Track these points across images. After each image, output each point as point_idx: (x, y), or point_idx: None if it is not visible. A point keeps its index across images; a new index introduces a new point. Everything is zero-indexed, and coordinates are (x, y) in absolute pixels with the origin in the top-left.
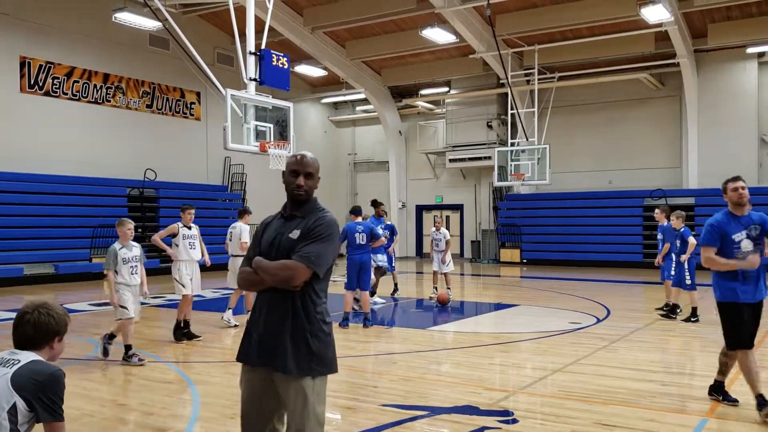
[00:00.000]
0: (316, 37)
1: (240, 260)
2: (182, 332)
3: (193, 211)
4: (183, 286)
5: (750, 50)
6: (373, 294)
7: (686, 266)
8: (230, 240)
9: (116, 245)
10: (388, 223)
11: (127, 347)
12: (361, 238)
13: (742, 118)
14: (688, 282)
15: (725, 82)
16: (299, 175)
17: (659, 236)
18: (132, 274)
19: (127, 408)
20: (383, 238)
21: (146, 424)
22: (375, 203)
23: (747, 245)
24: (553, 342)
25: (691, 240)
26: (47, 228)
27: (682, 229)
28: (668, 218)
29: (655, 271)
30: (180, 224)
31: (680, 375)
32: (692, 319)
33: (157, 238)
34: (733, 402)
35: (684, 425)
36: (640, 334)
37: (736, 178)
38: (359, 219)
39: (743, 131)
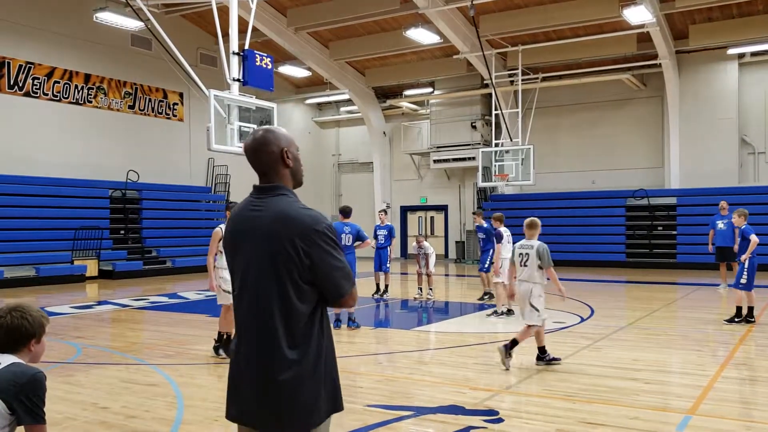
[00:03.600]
0: (300, 37)
1: None
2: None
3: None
4: (228, 293)
5: (731, 51)
6: None
7: (745, 265)
8: None
9: (222, 227)
10: (387, 223)
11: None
12: (347, 239)
13: (723, 118)
14: (744, 281)
15: (706, 83)
16: None
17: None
18: None
19: (109, 411)
20: (369, 241)
21: (129, 427)
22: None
23: None
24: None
25: (753, 238)
26: (28, 230)
27: (744, 227)
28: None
29: (638, 270)
30: (222, 227)
31: (663, 373)
32: (749, 319)
33: (211, 260)
34: None
35: (667, 422)
36: (623, 333)
37: None
38: (347, 220)
39: (724, 132)
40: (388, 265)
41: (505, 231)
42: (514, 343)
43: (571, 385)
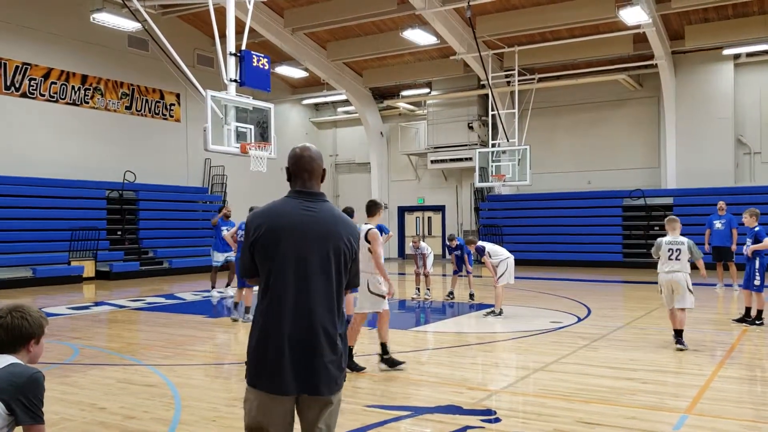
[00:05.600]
0: (297, 38)
1: None
2: (384, 357)
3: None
4: (383, 298)
5: (726, 52)
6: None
7: (756, 266)
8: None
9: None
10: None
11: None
12: None
13: (719, 118)
14: (757, 283)
15: (702, 84)
16: None
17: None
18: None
19: (107, 412)
20: (391, 233)
21: (127, 428)
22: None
23: None
24: (535, 341)
25: (767, 241)
26: (25, 231)
27: (757, 228)
28: None
29: (635, 270)
30: (374, 228)
31: (660, 373)
32: (757, 322)
33: (382, 262)
34: None
35: (664, 422)
36: (620, 333)
37: None
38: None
39: (720, 132)
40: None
41: (483, 243)
42: (679, 333)
43: (569, 385)
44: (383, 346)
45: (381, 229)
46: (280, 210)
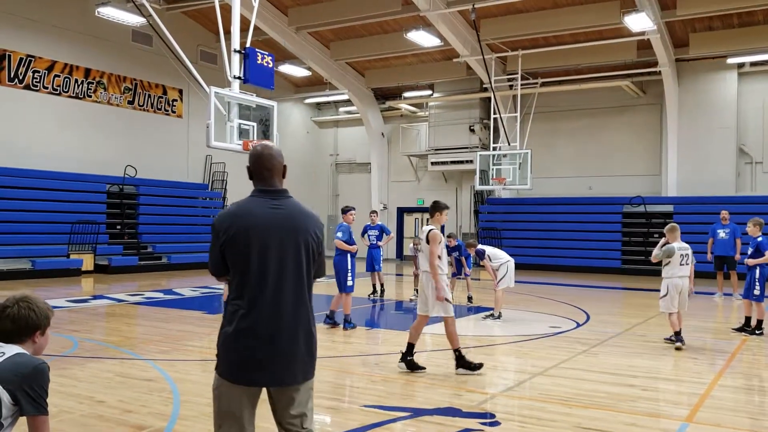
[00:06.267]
0: (301, 37)
1: None
2: (464, 362)
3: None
4: (450, 302)
5: (730, 61)
6: None
7: (756, 275)
8: None
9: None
10: (378, 223)
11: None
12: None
13: (722, 127)
14: (757, 292)
15: (705, 92)
16: None
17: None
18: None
19: (105, 405)
20: (342, 243)
21: (125, 421)
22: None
23: None
24: (534, 346)
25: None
26: (25, 223)
27: (760, 239)
28: None
29: (634, 277)
30: (437, 230)
31: (659, 380)
32: (757, 332)
33: (437, 264)
34: None
35: (664, 430)
36: (619, 339)
37: None
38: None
39: (722, 141)
40: (380, 264)
41: (483, 246)
42: (679, 333)
43: (568, 390)
44: (411, 347)
45: (382, 229)
46: (248, 210)
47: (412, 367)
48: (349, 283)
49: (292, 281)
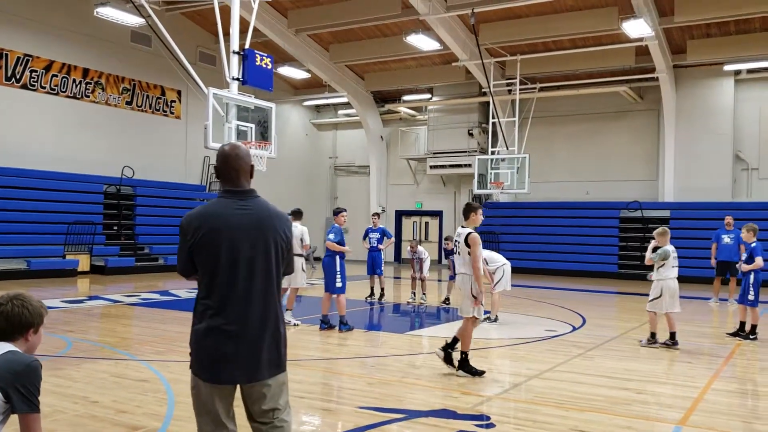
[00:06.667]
0: (300, 39)
1: (298, 259)
2: (449, 351)
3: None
4: (482, 305)
5: (727, 68)
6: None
7: (751, 280)
8: None
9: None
10: (380, 226)
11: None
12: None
13: (718, 134)
14: (752, 297)
15: (703, 98)
16: None
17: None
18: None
19: (99, 405)
20: (334, 244)
21: (119, 421)
22: (297, 212)
23: None
24: (530, 349)
25: (759, 261)
26: (21, 223)
27: (754, 244)
28: None
29: (630, 281)
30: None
31: (654, 384)
32: (751, 337)
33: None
34: None
35: None
36: (614, 343)
37: None
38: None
39: (719, 147)
40: (382, 268)
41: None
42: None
43: (563, 393)
44: (456, 341)
45: (384, 232)
46: (217, 211)
47: (449, 361)
48: (338, 284)
49: (261, 280)
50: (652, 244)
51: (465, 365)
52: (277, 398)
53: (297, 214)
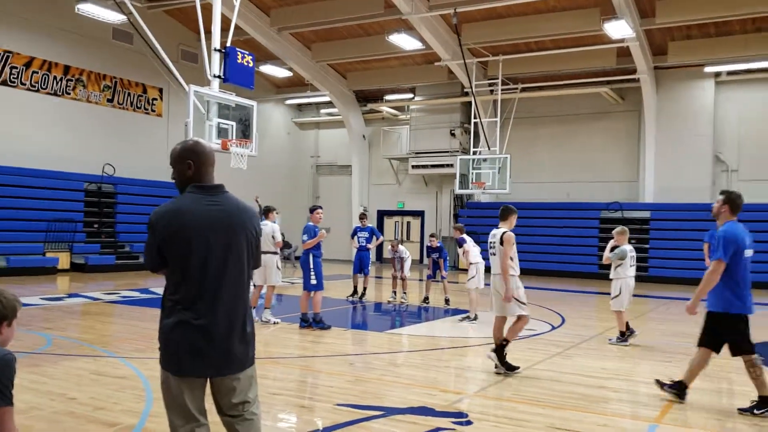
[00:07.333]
0: (282, 37)
1: (272, 257)
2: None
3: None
4: (525, 304)
5: (707, 69)
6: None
7: None
8: None
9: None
10: (368, 225)
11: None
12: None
13: (698, 135)
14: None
15: (683, 100)
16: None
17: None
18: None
19: (77, 402)
20: (309, 242)
21: (96, 418)
22: (267, 209)
23: None
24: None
25: None
26: (0, 220)
27: None
28: None
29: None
30: (510, 232)
31: (631, 382)
32: None
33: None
34: None
35: (634, 430)
36: (593, 342)
37: None
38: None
39: (699, 148)
40: (369, 268)
41: (467, 238)
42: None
43: (541, 391)
44: (506, 342)
45: (373, 231)
46: (187, 207)
47: (510, 368)
48: (313, 281)
49: (232, 276)
50: (611, 243)
51: (501, 352)
52: (246, 391)
53: (268, 212)
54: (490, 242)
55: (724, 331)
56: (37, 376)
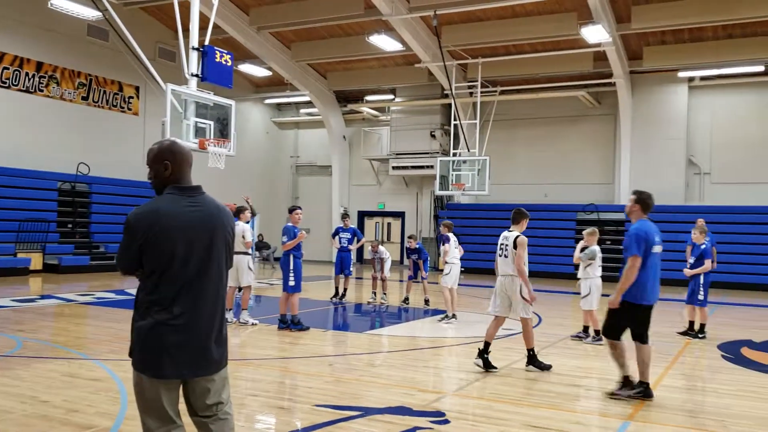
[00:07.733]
0: (262, 36)
1: (242, 257)
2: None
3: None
4: (530, 303)
5: (681, 74)
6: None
7: (701, 281)
8: None
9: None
10: (351, 226)
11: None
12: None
13: (672, 138)
14: (701, 298)
15: (658, 104)
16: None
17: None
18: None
19: (50, 405)
20: (288, 243)
21: (69, 421)
22: (240, 209)
23: None
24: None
25: (707, 264)
26: None
27: (704, 246)
28: None
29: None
30: (523, 236)
31: (605, 380)
32: (699, 335)
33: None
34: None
35: (607, 427)
36: (568, 342)
37: None
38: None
39: (673, 151)
40: (350, 268)
41: (451, 237)
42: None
43: (517, 390)
44: (531, 352)
45: (355, 232)
46: (168, 209)
47: (487, 365)
48: (291, 282)
49: (212, 276)
50: (581, 244)
51: (534, 361)
52: (220, 392)
53: (240, 212)
54: (502, 244)
55: (630, 318)
56: (8, 379)
